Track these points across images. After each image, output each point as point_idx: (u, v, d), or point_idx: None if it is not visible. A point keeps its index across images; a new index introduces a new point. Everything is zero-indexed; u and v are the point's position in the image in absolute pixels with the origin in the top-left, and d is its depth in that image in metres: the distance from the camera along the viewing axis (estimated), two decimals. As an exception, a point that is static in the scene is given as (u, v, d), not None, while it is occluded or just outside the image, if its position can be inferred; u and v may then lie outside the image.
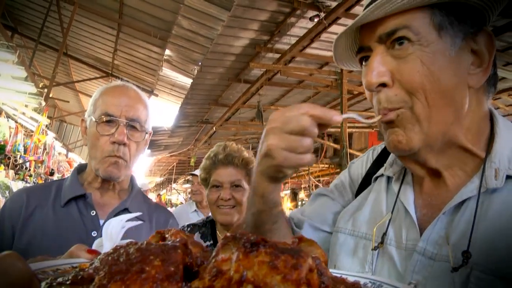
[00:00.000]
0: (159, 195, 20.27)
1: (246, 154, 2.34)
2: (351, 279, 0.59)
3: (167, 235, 0.49)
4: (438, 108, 0.95)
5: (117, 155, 1.72)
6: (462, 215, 0.95)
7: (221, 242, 0.43)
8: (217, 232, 2.36)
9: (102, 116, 1.71)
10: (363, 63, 1.06)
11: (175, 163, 25.02)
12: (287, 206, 18.28)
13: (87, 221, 1.70)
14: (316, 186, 14.04)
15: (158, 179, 34.00)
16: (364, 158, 1.38)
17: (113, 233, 0.83)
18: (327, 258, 0.51)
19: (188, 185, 28.06)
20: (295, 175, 15.20)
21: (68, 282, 0.45)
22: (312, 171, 13.73)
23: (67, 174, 13.32)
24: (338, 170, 10.52)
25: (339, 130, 10.28)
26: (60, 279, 0.46)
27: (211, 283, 0.39)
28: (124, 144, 1.72)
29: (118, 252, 0.42)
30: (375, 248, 1.07)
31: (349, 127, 11.43)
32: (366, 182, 1.29)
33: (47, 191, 1.78)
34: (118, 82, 1.90)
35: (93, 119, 1.73)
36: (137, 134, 1.78)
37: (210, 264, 0.41)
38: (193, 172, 5.79)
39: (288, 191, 18.66)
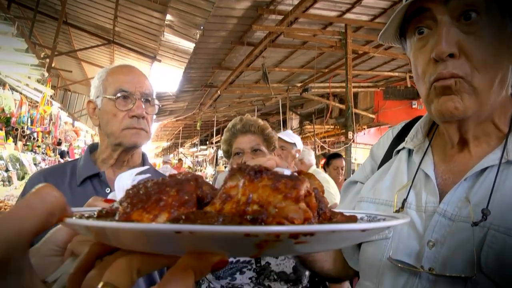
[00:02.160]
0: (180, 160, 20.13)
1: (261, 122, 2.48)
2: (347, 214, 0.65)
3: (178, 177, 0.54)
4: (494, 83, 1.03)
5: (138, 127, 1.82)
6: (482, 182, 1.04)
7: (229, 173, 0.48)
8: None
9: (118, 93, 1.79)
10: (416, 35, 1.10)
11: (181, 127, 25.19)
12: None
13: None
14: (322, 148, 14.12)
15: (165, 144, 34.32)
16: (384, 137, 1.48)
17: (124, 186, 0.88)
18: (324, 189, 0.56)
19: (194, 149, 28.22)
20: (300, 136, 15.26)
21: (94, 216, 0.51)
22: (317, 132, 13.76)
23: (74, 143, 13.46)
24: (344, 131, 10.54)
25: (344, 90, 10.25)
26: (86, 215, 0.52)
27: (221, 206, 0.44)
28: (143, 117, 1.83)
29: (137, 187, 0.47)
30: (396, 212, 1.16)
31: (354, 87, 11.39)
32: (388, 157, 1.38)
33: (62, 172, 1.86)
34: (120, 63, 2.01)
35: (107, 97, 1.80)
36: (150, 108, 1.89)
37: (219, 191, 0.47)
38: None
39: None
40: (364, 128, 13.45)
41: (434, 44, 1.02)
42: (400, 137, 1.37)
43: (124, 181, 0.87)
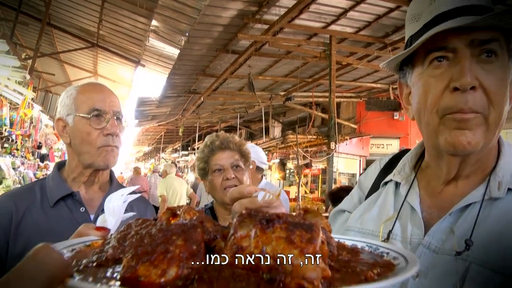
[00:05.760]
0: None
1: (237, 138, 2.52)
2: (348, 243, 0.65)
3: (178, 212, 0.52)
4: (502, 119, 1.08)
5: (113, 145, 1.83)
6: (466, 217, 1.08)
7: (238, 219, 0.46)
8: (218, 218, 2.49)
9: (92, 112, 1.79)
10: (432, 62, 1.10)
11: (163, 133, 25.03)
12: (275, 176, 18.41)
13: (78, 218, 1.75)
14: (304, 157, 14.15)
15: (146, 148, 34.02)
16: (372, 168, 1.51)
17: (115, 208, 0.85)
18: (331, 228, 0.55)
19: (176, 155, 27.93)
20: (283, 145, 15.28)
21: (94, 265, 0.48)
22: (300, 141, 13.79)
23: (55, 147, 13.18)
24: (326, 140, 10.59)
25: (327, 99, 10.31)
26: (84, 262, 0.49)
27: (233, 259, 0.42)
28: (116, 135, 1.84)
29: (140, 233, 0.44)
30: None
31: (337, 97, 11.47)
32: (375, 187, 1.41)
33: (32, 193, 1.82)
34: (90, 80, 2.02)
35: (80, 115, 1.79)
36: (121, 125, 1.90)
37: (230, 241, 0.44)
38: None
39: (277, 161, 18.73)
40: (346, 139, 13.54)
41: (457, 75, 1.03)
42: (387, 168, 1.40)
43: (115, 202, 0.85)
